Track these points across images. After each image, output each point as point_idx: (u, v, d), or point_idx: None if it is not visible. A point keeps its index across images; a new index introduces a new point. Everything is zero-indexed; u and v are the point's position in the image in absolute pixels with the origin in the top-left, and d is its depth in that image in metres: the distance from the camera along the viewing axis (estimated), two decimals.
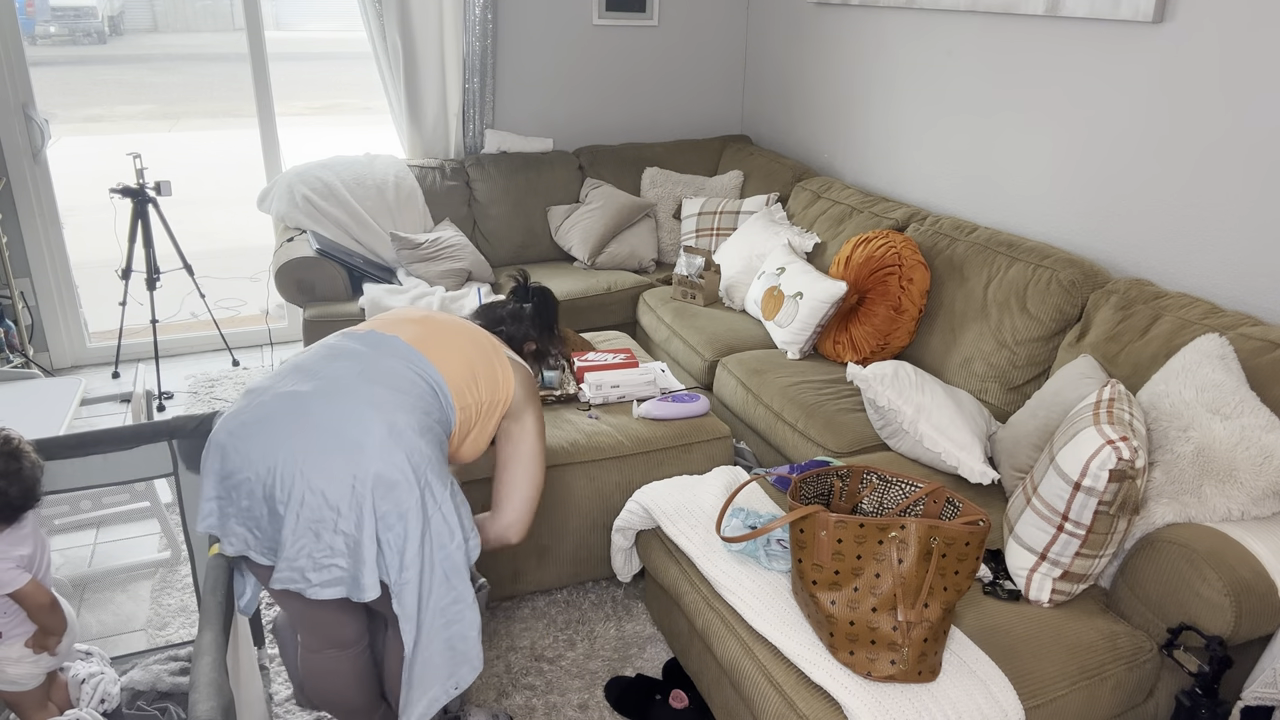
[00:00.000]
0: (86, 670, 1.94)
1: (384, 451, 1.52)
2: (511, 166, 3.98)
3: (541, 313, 2.06)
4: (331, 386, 1.58)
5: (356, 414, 1.54)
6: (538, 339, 2.04)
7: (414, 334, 1.73)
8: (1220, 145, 2.30)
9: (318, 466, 1.49)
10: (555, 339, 2.09)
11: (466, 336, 1.78)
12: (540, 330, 2.04)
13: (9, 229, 3.62)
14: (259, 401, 1.58)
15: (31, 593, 1.69)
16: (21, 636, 1.75)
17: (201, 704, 1.17)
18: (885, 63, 3.48)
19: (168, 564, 2.61)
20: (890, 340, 2.89)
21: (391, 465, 1.52)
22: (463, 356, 1.74)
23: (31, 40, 13.41)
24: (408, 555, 1.54)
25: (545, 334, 2.05)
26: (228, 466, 1.55)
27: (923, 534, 1.58)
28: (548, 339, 2.07)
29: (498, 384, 1.77)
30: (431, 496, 1.57)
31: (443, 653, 1.62)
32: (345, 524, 1.50)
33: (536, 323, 2.04)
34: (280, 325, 4.30)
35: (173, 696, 2.00)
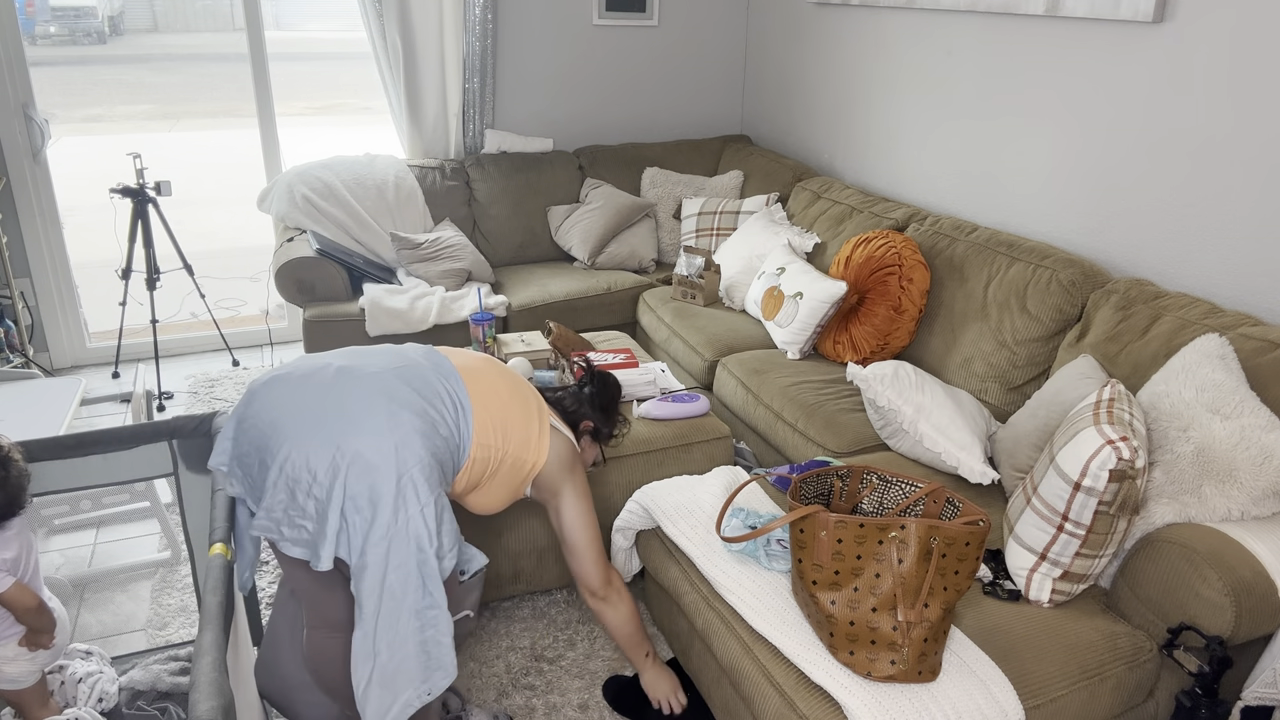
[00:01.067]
0: (85, 669, 1.94)
1: (375, 435, 1.57)
2: (511, 166, 3.98)
3: (600, 394, 2.10)
4: (362, 369, 1.67)
5: (367, 397, 1.61)
6: (594, 419, 2.07)
7: (466, 364, 1.81)
8: (1220, 145, 2.30)
9: (310, 431, 1.57)
10: (614, 420, 2.13)
11: (516, 389, 1.84)
12: (597, 410, 2.08)
13: (9, 229, 3.62)
14: (303, 364, 1.70)
15: (15, 596, 1.69)
16: (15, 636, 1.75)
17: (201, 704, 1.17)
18: (885, 63, 3.48)
19: (168, 564, 2.61)
20: (890, 340, 2.89)
21: (377, 449, 1.55)
22: (501, 402, 1.78)
23: (31, 40, 13.41)
24: (371, 540, 1.54)
25: (601, 415, 2.09)
26: (247, 411, 1.66)
27: (923, 534, 1.58)
28: (605, 420, 2.10)
29: (529, 444, 1.81)
30: (415, 495, 1.57)
31: (416, 656, 1.61)
32: (318, 490, 1.55)
33: (595, 403, 2.08)
34: (280, 325, 4.30)
35: (173, 696, 2.00)
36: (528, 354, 2.70)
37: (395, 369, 1.69)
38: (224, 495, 1.70)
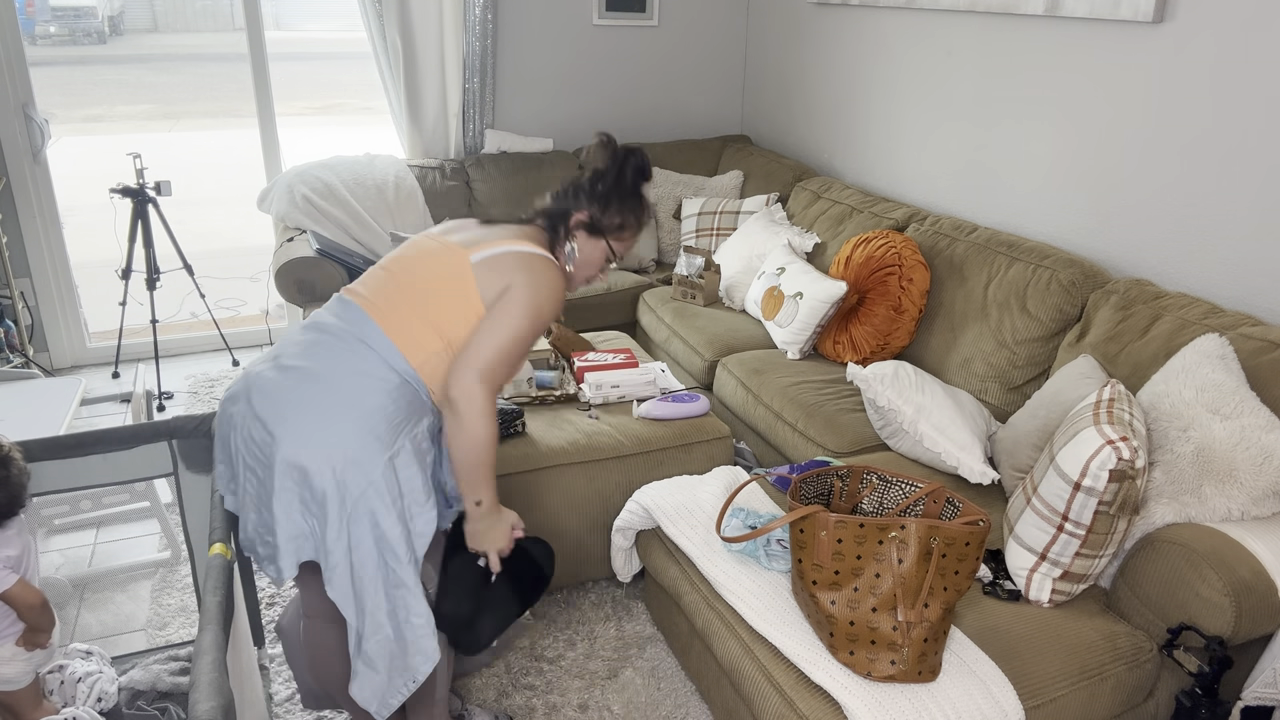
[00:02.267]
0: (84, 669, 1.94)
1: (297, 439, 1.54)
2: (511, 166, 3.98)
3: (607, 178, 1.77)
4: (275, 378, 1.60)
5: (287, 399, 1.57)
6: (592, 207, 1.76)
7: (374, 288, 1.68)
8: (1220, 145, 2.30)
9: (253, 454, 1.59)
10: (622, 209, 1.77)
11: (434, 273, 1.66)
12: (594, 200, 1.76)
13: (9, 229, 3.62)
14: (247, 379, 1.63)
15: (19, 593, 1.69)
16: (13, 636, 1.75)
17: (201, 704, 1.17)
18: (885, 63, 3.47)
19: (168, 564, 2.61)
20: (890, 340, 2.89)
21: (303, 453, 1.54)
22: (416, 304, 1.63)
23: (31, 40, 13.41)
24: (329, 540, 1.56)
25: (599, 204, 1.76)
26: (220, 431, 1.67)
27: (923, 534, 1.58)
28: (604, 209, 1.76)
29: (468, 313, 1.63)
30: (357, 475, 1.54)
31: (395, 640, 1.62)
32: (266, 506, 1.59)
33: (593, 191, 1.77)
34: (280, 325, 4.30)
35: (173, 696, 2.00)
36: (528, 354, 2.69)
37: (305, 352, 1.61)
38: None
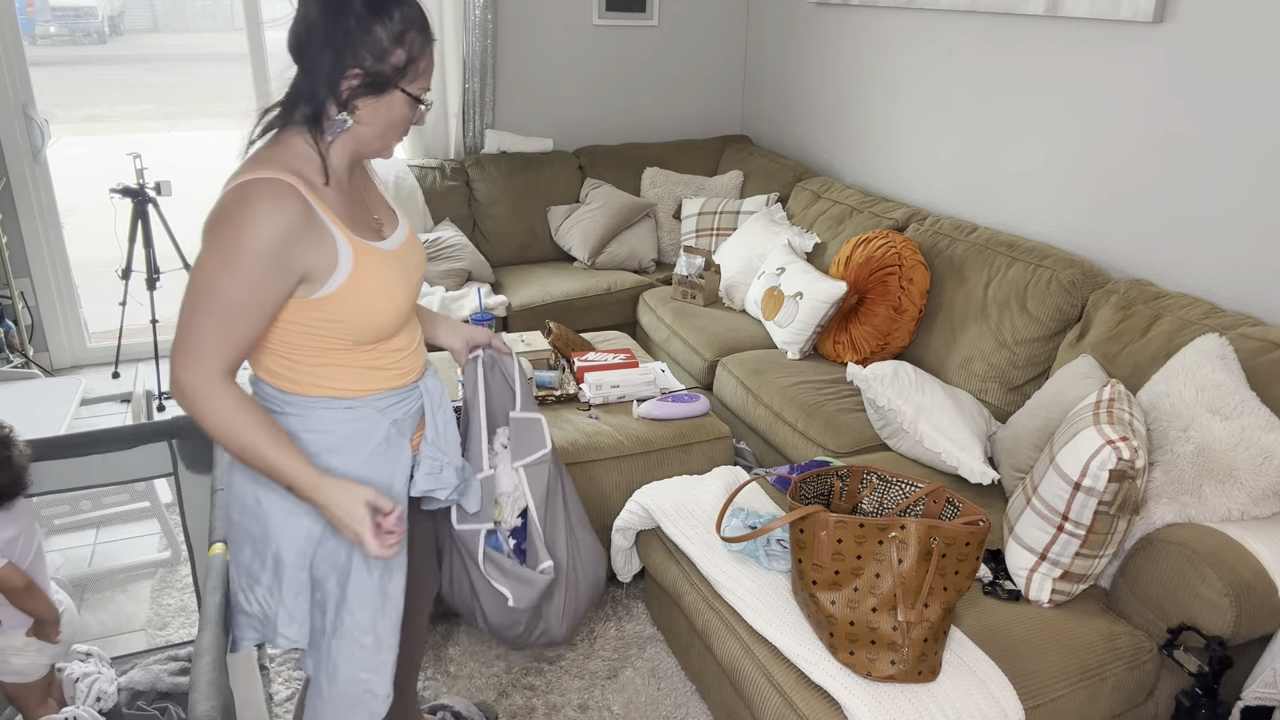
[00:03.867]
0: (82, 669, 1.94)
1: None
2: (511, 166, 3.98)
3: (334, 11, 1.25)
4: None
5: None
6: (346, 62, 1.26)
7: None
8: (1220, 145, 2.30)
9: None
10: (387, 38, 1.26)
11: None
12: (344, 48, 1.25)
13: (9, 229, 3.62)
14: None
15: (5, 576, 1.69)
16: (21, 626, 1.76)
17: (201, 704, 1.17)
18: (885, 63, 3.47)
19: (168, 564, 2.61)
20: (890, 340, 2.89)
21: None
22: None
23: (31, 40, 13.41)
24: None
25: (354, 46, 1.25)
26: None
27: (923, 534, 1.58)
28: (365, 51, 1.25)
29: None
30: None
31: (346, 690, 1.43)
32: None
33: (332, 38, 1.25)
34: None
35: (173, 696, 2.00)
36: (528, 354, 2.70)
37: None
38: (224, 495, 1.70)
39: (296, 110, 1.31)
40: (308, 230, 1.25)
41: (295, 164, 1.28)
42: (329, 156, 1.33)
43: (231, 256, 1.21)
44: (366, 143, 1.35)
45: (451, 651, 2.30)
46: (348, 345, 1.35)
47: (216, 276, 1.21)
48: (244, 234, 1.20)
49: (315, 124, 1.31)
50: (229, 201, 1.23)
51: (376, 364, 1.40)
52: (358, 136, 1.34)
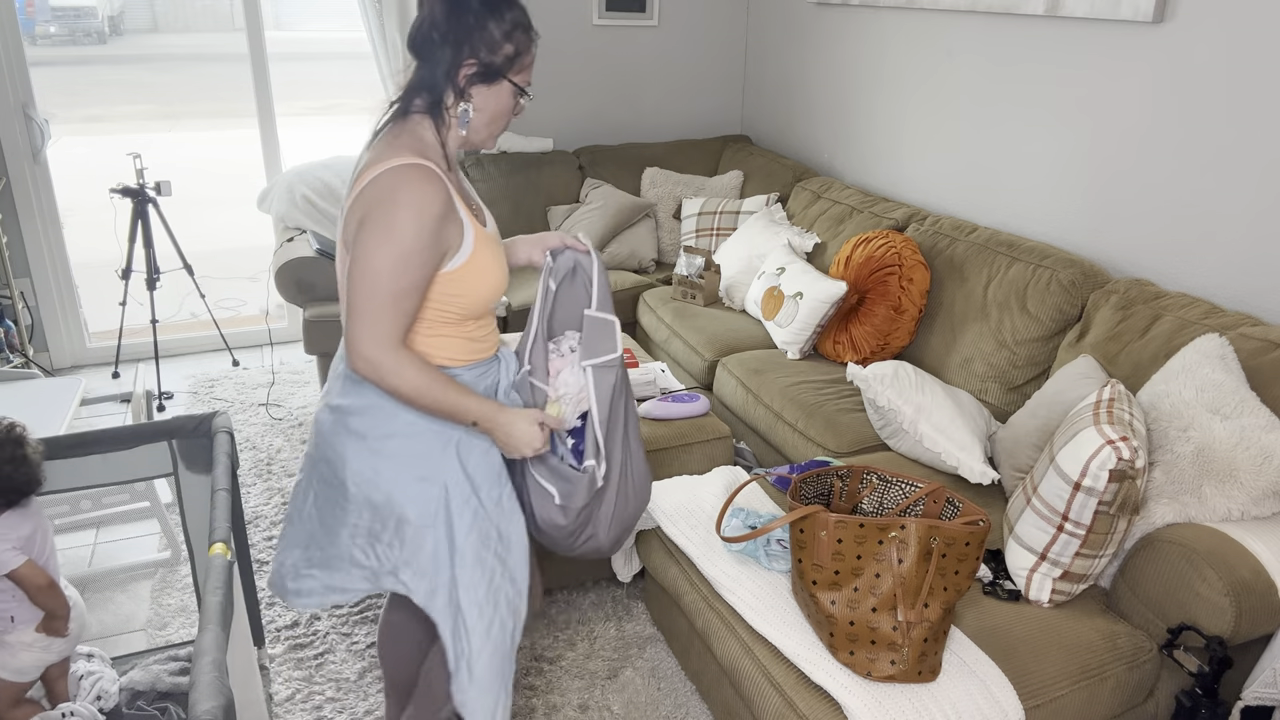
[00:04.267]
0: (85, 668, 1.94)
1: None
2: (511, 166, 3.98)
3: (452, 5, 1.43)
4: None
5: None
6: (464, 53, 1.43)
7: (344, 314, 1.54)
8: (1220, 145, 2.30)
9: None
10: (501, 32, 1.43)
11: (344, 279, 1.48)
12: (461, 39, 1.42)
13: (9, 229, 3.62)
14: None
15: (28, 574, 1.71)
16: (33, 621, 1.76)
17: (201, 704, 1.17)
18: (885, 63, 3.47)
19: (168, 564, 2.61)
20: (890, 340, 2.89)
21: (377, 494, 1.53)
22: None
23: (31, 40, 13.41)
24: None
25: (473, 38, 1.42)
26: None
27: (923, 534, 1.58)
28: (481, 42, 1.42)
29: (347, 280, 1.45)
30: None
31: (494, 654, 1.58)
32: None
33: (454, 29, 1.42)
34: (280, 325, 4.30)
35: (173, 696, 2.00)
36: None
37: (342, 388, 1.56)
38: (224, 495, 1.70)
39: (416, 99, 1.48)
40: (449, 211, 1.42)
41: (426, 151, 1.43)
42: (447, 145, 1.51)
43: (398, 238, 1.35)
44: (476, 130, 1.51)
45: None
46: (458, 319, 1.51)
47: (387, 257, 1.36)
48: (408, 216, 1.35)
49: (435, 111, 1.47)
50: (387, 187, 1.36)
51: (473, 336, 1.56)
52: (470, 125, 1.50)
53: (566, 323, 1.71)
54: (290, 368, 3.96)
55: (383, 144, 1.44)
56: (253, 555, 2.67)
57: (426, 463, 1.52)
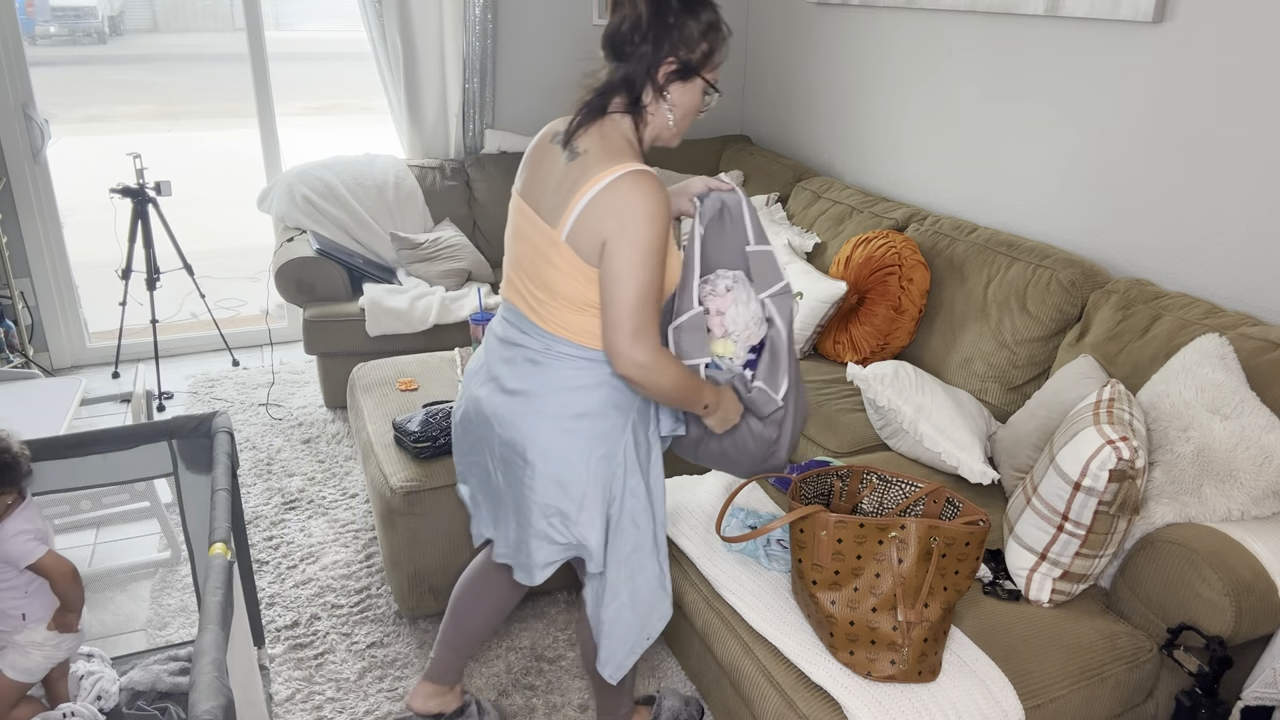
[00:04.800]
0: (85, 668, 1.94)
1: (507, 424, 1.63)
2: (511, 166, 3.98)
3: (656, 5, 1.46)
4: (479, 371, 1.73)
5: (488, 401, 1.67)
6: (664, 51, 1.48)
7: (528, 299, 1.61)
8: (1220, 145, 2.30)
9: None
10: (698, 31, 1.49)
11: (544, 268, 1.55)
12: (662, 38, 1.48)
13: (9, 229, 3.62)
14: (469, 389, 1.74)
15: (52, 564, 1.71)
16: (44, 620, 1.76)
17: (201, 704, 1.17)
18: (885, 63, 3.47)
19: (168, 564, 2.61)
20: (890, 340, 2.89)
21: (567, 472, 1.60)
22: (564, 305, 1.56)
23: (31, 40, 13.41)
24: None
25: (674, 36, 1.48)
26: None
27: (923, 534, 1.58)
28: (681, 42, 1.48)
29: (587, 279, 1.52)
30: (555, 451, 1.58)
31: (630, 605, 1.67)
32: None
33: (659, 27, 1.47)
34: (280, 325, 4.30)
35: (173, 696, 2.00)
36: None
37: (518, 374, 1.63)
38: (224, 495, 1.70)
39: (613, 99, 1.53)
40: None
41: (637, 152, 1.52)
42: (644, 142, 1.57)
43: (653, 247, 1.45)
44: (666, 127, 1.56)
45: None
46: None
47: (644, 267, 1.45)
48: (654, 225, 1.44)
49: (635, 109, 1.53)
50: (629, 195, 1.44)
51: None
52: (662, 123, 1.55)
53: (715, 263, 1.75)
54: (290, 368, 3.96)
55: (595, 144, 1.50)
56: (253, 555, 2.67)
57: (609, 441, 1.60)
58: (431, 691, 2.01)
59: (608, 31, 1.51)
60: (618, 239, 1.44)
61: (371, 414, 2.55)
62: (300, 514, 2.86)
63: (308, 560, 2.64)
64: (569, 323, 1.56)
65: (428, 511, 2.24)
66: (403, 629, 2.38)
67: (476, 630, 1.96)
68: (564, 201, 1.49)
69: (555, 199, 1.52)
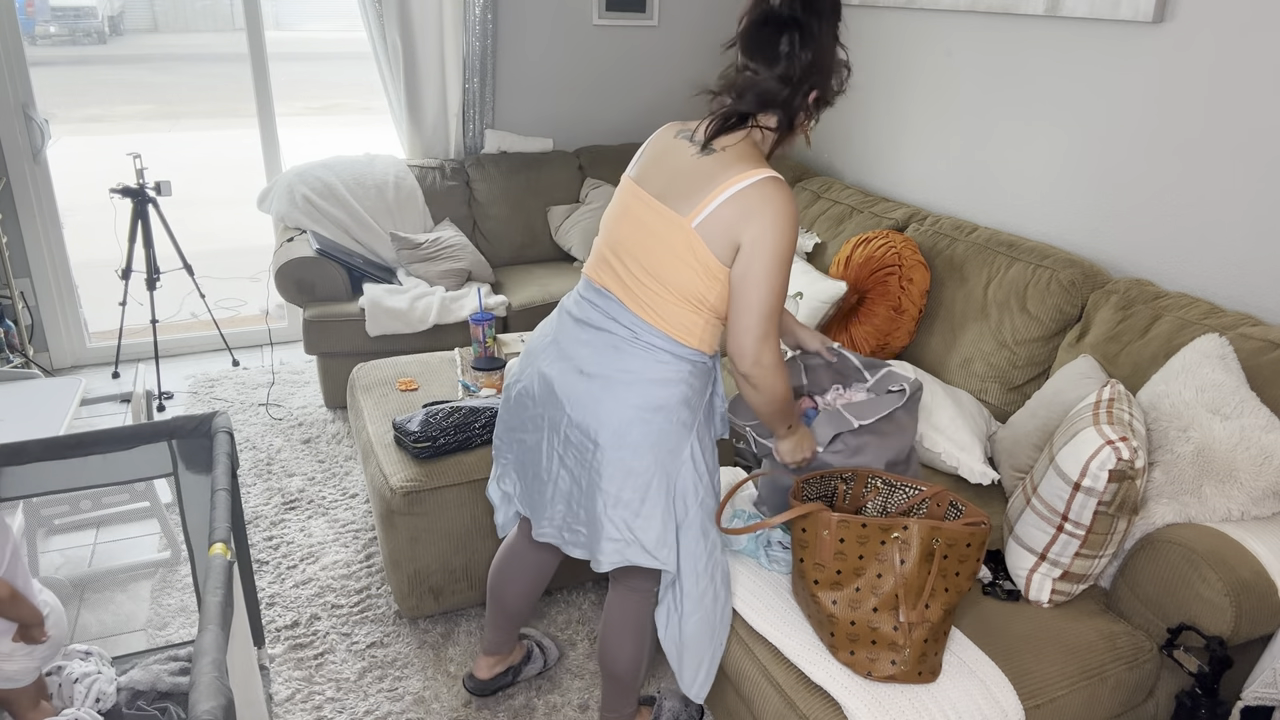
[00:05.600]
0: (81, 669, 1.94)
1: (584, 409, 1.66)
2: (511, 166, 3.98)
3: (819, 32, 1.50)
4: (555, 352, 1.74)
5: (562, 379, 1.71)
6: (815, 80, 1.53)
7: (626, 283, 1.63)
8: (1220, 145, 2.30)
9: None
10: (838, 69, 1.55)
11: (660, 254, 1.57)
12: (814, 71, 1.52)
13: (9, 229, 3.62)
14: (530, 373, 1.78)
15: None
16: (9, 632, 1.74)
17: (201, 704, 1.17)
18: (885, 63, 3.47)
19: (168, 564, 2.61)
20: (890, 340, 2.89)
21: (636, 460, 1.63)
22: (668, 295, 1.59)
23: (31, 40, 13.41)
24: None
25: (823, 70, 1.52)
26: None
27: (925, 535, 1.59)
28: (830, 75, 1.54)
29: (708, 272, 1.55)
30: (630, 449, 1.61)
31: (713, 615, 1.73)
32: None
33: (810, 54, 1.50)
34: (280, 325, 4.30)
35: (173, 696, 1.99)
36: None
37: (599, 357, 1.64)
38: (224, 495, 1.70)
39: (763, 113, 1.56)
40: None
41: (766, 164, 1.56)
42: (771, 157, 1.63)
43: (787, 253, 1.50)
44: (792, 146, 1.64)
45: (451, 652, 2.30)
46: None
47: (773, 271, 1.50)
48: (791, 234, 1.50)
49: (788, 126, 1.57)
50: (770, 200, 1.48)
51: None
52: (791, 143, 1.62)
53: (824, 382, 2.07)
54: (290, 368, 3.96)
55: (732, 145, 1.55)
56: (253, 555, 2.67)
57: (678, 437, 1.63)
58: (493, 661, 2.11)
59: (788, 56, 1.51)
60: (758, 244, 1.48)
61: (371, 414, 2.55)
62: (300, 514, 2.86)
63: (308, 560, 2.64)
64: (670, 315, 1.59)
65: (428, 511, 2.24)
66: (403, 629, 2.38)
67: (519, 606, 2.03)
68: (699, 191, 1.52)
69: (687, 187, 1.54)
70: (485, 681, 2.12)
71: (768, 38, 1.51)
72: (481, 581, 2.37)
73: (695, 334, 1.61)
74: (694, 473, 1.65)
